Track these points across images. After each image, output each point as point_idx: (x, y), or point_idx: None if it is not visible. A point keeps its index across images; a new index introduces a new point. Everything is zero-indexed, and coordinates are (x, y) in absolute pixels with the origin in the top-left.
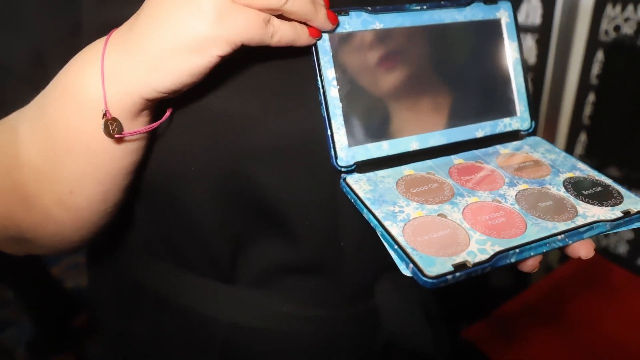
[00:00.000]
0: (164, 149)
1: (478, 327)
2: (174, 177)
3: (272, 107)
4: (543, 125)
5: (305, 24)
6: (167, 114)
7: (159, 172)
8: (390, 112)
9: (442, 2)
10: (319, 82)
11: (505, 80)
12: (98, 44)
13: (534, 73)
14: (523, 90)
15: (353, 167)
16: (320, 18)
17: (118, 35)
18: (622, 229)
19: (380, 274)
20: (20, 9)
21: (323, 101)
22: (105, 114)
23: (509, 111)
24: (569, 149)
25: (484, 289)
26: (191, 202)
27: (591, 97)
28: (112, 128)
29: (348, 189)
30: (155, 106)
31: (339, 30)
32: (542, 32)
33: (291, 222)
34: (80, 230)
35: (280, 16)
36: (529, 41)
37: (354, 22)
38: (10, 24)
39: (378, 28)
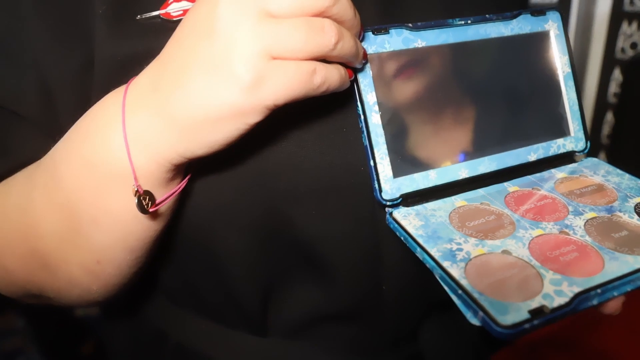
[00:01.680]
0: (193, 199)
1: (504, 353)
2: (203, 225)
3: (307, 144)
4: None
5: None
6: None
7: (187, 222)
8: (436, 138)
9: (488, 16)
10: (359, 109)
11: (557, 97)
12: (114, 101)
13: None
14: (576, 107)
15: (399, 200)
16: (361, 57)
17: (138, 94)
18: None
19: (425, 316)
20: (27, 44)
21: (365, 129)
22: (137, 191)
23: (563, 131)
24: None
25: None
26: (219, 249)
27: (609, 116)
28: (146, 203)
29: (396, 224)
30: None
31: (379, 50)
32: None
33: (329, 265)
34: (107, 293)
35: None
36: None
37: (394, 40)
38: (16, 61)
39: (420, 46)
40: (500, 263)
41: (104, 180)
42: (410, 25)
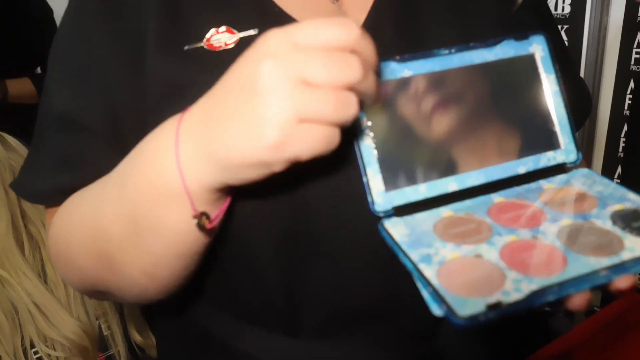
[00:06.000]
0: (232, 211)
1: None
2: (239, 237)
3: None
4: None
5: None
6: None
7: (227, 233)
8: (426, 155)
9: (471, 44)
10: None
11: (545, 114)
12: (171, 127)
13: None
14: (565, 121)
15: (391, 212)
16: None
17: (190, 125)
18: None
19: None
20: (100, 71)
21: (358, 150)
22: (194, 215)
23: (552, 144)
24: None
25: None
26: (253, 257)
27: (625, 129)
28: (203, 221)
29: (385, 233)
30: None
31: None
32: None
33: (346, 269)
34: (162, 293)
35: None
36: None
37: (383, 72)
38: (90, 85)
39: (407, 75)
40: (470, 265)
41: (161, 197)
42: (397, 57)
